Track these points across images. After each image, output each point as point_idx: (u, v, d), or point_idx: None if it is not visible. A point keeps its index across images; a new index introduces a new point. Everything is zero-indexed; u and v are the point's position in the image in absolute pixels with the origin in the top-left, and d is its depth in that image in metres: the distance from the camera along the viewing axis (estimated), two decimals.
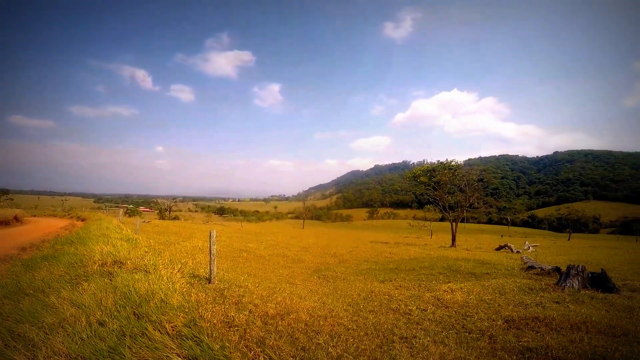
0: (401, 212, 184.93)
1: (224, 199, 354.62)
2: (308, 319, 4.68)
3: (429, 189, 27.86)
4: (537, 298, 6.43)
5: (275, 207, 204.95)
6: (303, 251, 14.16)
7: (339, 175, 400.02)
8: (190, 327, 3.71)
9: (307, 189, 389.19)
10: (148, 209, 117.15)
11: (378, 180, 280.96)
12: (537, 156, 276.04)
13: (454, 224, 26.65)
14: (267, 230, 27.80)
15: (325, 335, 4.15)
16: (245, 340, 3.64)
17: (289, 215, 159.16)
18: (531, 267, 9.95)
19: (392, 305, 6.06)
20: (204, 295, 4.90)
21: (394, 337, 4.40)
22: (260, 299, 5.24)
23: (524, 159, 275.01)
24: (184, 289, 5.02)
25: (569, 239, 53.10)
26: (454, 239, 25.38)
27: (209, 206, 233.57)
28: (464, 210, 27.27)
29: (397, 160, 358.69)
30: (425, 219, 52.09)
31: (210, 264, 6.13)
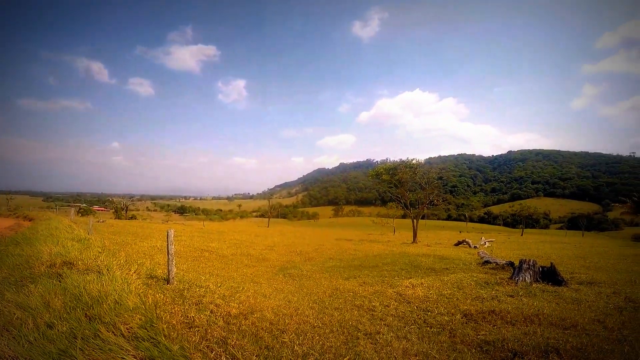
0: (366, 209, 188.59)
1: (185, 198, 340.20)
2: (273, 317, 4.67)
3: (392, 187, 28.60)
4: (493, 292, 6.73)
5: (240, 206, 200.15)
6: (268, 250, 13.92)
7: (305, 173, 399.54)
8: (146, 329, 3.63)
9: (272, 187, 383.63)
10: (103, 208, 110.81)
11: (343, 178, 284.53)
12: (493, 155, 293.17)
13: (415, 220, 27.58)
14: (230, 229, 27.10)
15: (291, 334, 4.17)
16: (206, 340, 3.63)
17: (254, 214, 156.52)
18: (487, 262, 10.46)
19: (356, 302, 6.14)
20: (162, 296, 4.79)
21: (359, 334, 4.45)
22: (223, 298, 5.17)
23: (481, 158, 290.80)
24: (140, 291, 4.89)
25: (521, 234, 56.85)
26: (415, 236, 26.26)
27: (168, 205, 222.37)
28: (425, 207, 28.32)
29: (362, 158, 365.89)
30: (388, 216, 53.52)
31: (168, 264, 5.95)
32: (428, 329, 4.77)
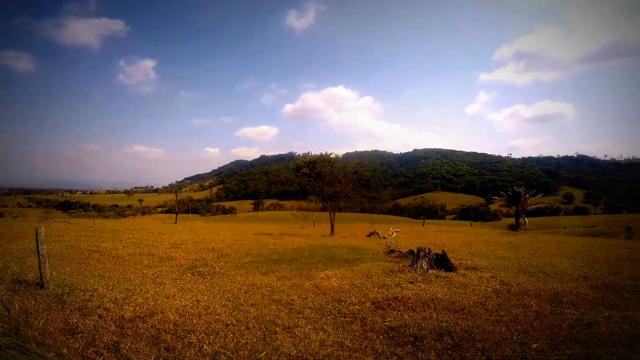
0: (287, 203, 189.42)
1: (71, 191, 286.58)
2: (178, 318, 4.53)
3: (311, 180, 29.06)
4: (396, 279, 7.19)
5: (141, 201, 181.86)
6: (174, 248, 12.73)
7: (221, 165, 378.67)
8: (11, 337, 3.46)
9: (181, 179, 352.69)
10: None
11: (264, 171, 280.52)
12: (401, 152, 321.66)
13: (332, 213, 28.54)
14: (128, 227, 24.17)
15: (200, 334, 4.08)
16: (94, 346, 3.51)
17: (159, 209, 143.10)
18: (392, 251, 11.25)
19: (274, 297, 6.06)
20: (34, 302, 4.54)
21: (277, 328, 4.48)
22: (114, 302, 4.96)
23: (391, 155, 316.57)
24: (4, 297, 4.62)
25: (423, 225, 63.43)
26: (332, 228, 27.17)
27: (48, 200, 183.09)
28: (341, 200, 29.53)
29: (284, 151, 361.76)
30: (309, 209, 54.60)
31: (40, 267, 5.39)
32: (342, 318, 4.93)
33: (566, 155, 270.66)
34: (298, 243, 15.63)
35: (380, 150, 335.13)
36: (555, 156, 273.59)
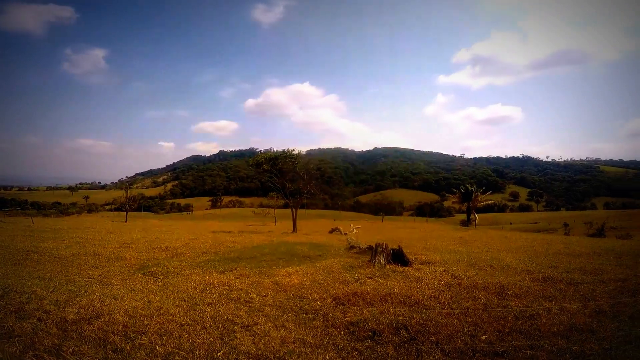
0: (247, 199, 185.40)
1: (6, 188, 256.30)
2: (127, 320, 4.39)
3: (272, 177, 28.73)
4: (356, 275, 7.33)
5: (87, 198, 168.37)
6: (124, 248, 12.00)
7: (176, 160, 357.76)
8: None
9: (132, 174, 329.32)
10: None
11: (223, 167, 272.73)
12: (363, 150, 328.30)
13: (294, 210, 28.45)
14: (72, 226, 22.37)
15: (153, 335, 3.98)
16: (33, 349, 3.41)
17: (107, 207, 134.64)
18: (353, 247, 11.44)
19: (232, 295, 5.91)
20: None
21: (235, 327, 4.39)
22: (55, 304, 4.80)
23: (353, 152, 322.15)
24: None
25: (382, 221, 65.44)
26: (294, 225, 27.10)
27: None
28: (304, 197, 29.54)
29: (245, 146, 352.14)
30: (270, 206, 53.99)
31: None
32: (304, 315, 4.93)
33: (513, 156, 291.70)
34: (258, 240, 15.36)
35: (343, 147, 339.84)
36: (504, 156, 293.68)
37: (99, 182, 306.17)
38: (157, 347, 3.63)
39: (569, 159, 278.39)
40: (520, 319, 4.72)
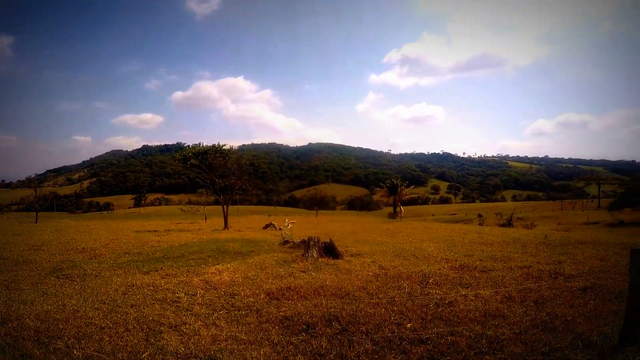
0: (175, 197, 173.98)
1: None
2: (39, 324, 4.22)
3: (201, 173, 27.38)
4: (290, 269, 7.41)
5: None
6: (34, 250, 10.62)
7: (93, 156, 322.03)
8: None
9: (43, 171, 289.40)
10: None
11: (147, 163, 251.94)
12: (297, 146, 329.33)
13: (225, 206, 27.51)
14: None
15: (69, 339, 3.81)
16: None
17: (13, 207, 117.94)
18: (286, 242, 11.52)
19: (157, 296, 5.61)
20: None
21: (162, 327, 4.24)
22: None
23: (287, 148, 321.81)
24: None
25: (316, 215, 66.70)
26: (226, 221, 26.20)
27: None
28: (236, 193, 28.70)
29: (171, 141, 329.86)
30: (199, 203, 51.35)
31: None
32: (236, 312, 4.84)
33: (434, 152, 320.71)
34: (186, 239, 14.55)
35: (277, 143, 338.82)
36: (426, 153, 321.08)
37: (3, 181, 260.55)
38: (75, 351, 3.50)
39: (483, 156, 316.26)
40: (440, 306, 5.03)
